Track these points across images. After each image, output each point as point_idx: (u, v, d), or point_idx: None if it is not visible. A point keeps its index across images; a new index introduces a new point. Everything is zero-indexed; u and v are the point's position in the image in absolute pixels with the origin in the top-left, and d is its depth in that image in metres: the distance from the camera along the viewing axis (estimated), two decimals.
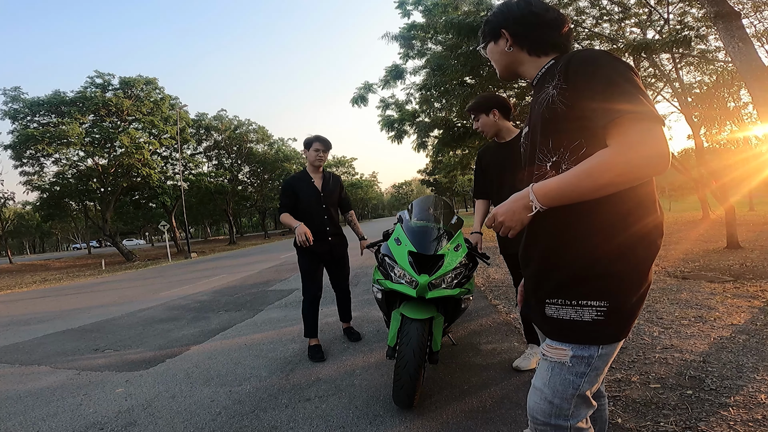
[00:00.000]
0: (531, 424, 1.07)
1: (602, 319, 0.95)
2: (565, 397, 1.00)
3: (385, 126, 12.23)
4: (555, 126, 0.99)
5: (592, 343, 0.97)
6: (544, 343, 1.06)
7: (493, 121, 2.46)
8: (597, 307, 0.95)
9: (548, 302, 1.03)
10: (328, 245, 3.21)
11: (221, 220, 48.96)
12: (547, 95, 1.00)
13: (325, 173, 3.34)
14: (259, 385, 2.72)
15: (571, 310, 0.98)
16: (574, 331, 0.98)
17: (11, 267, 24.62)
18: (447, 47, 9.43)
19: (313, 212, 3.17)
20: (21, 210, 50.45)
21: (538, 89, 1.08)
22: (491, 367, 2.66)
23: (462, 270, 2.25)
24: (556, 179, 0.93)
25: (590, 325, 0.96)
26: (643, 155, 0.84)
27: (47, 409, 2.66)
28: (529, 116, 1.13)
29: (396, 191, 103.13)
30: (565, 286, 0.99)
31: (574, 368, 0.99)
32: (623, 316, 0.97)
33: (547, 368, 1.03)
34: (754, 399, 1.94)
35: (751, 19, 9.24)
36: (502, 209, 1.01)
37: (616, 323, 0.96)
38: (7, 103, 21.61)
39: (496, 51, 1.16)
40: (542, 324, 1.06)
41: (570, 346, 0.99)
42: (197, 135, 32.59)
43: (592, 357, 0.98)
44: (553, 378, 1.01)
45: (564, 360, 0.99)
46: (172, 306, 6.30)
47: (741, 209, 16.83)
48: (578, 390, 1.00)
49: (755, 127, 8.38)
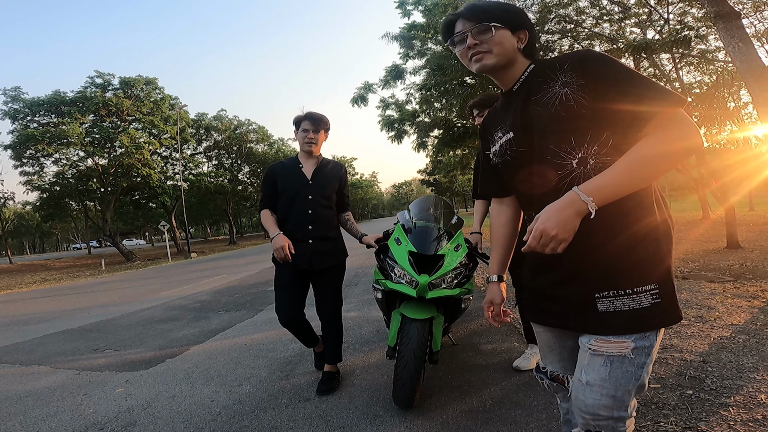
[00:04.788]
0: (588, 421, 1.03)
1: (659, 301, 0.96)
2: (627, 389, 0.99)
3: (385, 126, 12.24)
4: (575, 123, 0.98)
5: (656, 328, 0.97)
6: (593, 338, 1.01)
7: None
8: (650, 291, 0.96)
9: (598, 297, 1.00)
10: (307, 250, 2.44)
11: (221, 220, 48.92)
12: (555, 95, 1.01)
13: (323, 160, 2.62)
14: (259, 385, 2.72)
15: (628, 299, 0.97)
16: (637, 321, 0.96)
17: (11, 267, 24.62)
18: (447, 47, 9.43)
19: (294, 206, 2.47)
20: (21, 210, 50.44)
21: (527, 90, 1.08)
22: (491, 367, 2.66)
23: (462, 270, 2.25)
24: (607, 176, 0.91)
25: (649, 311, 0.96)
26: (695, 140, 0.91)
27: (47, 409, 2.66)
28: (517, 120, 1.10)
29: (396, 191, 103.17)
30: (613, 276, 0.98)
31: (636, 359, 0.97)
32: (674, 295, 0.98)
33: (603, 363, 0.99)
34: (754, 399, 1.94)
35: (751, 19, 9.24)
36: (551, 223, 0.90)
37: (671, 302, 0.98)
38: (7, 103, 21.65)
39: (508, 41, 1.09)
40: (597, 322, 1.01)
41: (632, 337, 0.97)
42: (197, 135, 32.55)
43: (652, 345, 0.98)
44: (613, 372, 0.98)
45: (625, 353, 0.97)
46: (172, 306, 6.30)
47: (741, 209, 16.83)
48: (639, 380, 0.99)
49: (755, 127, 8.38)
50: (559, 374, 1.20)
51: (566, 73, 1.00)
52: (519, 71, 1.12)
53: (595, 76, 0.96)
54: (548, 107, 1.02)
